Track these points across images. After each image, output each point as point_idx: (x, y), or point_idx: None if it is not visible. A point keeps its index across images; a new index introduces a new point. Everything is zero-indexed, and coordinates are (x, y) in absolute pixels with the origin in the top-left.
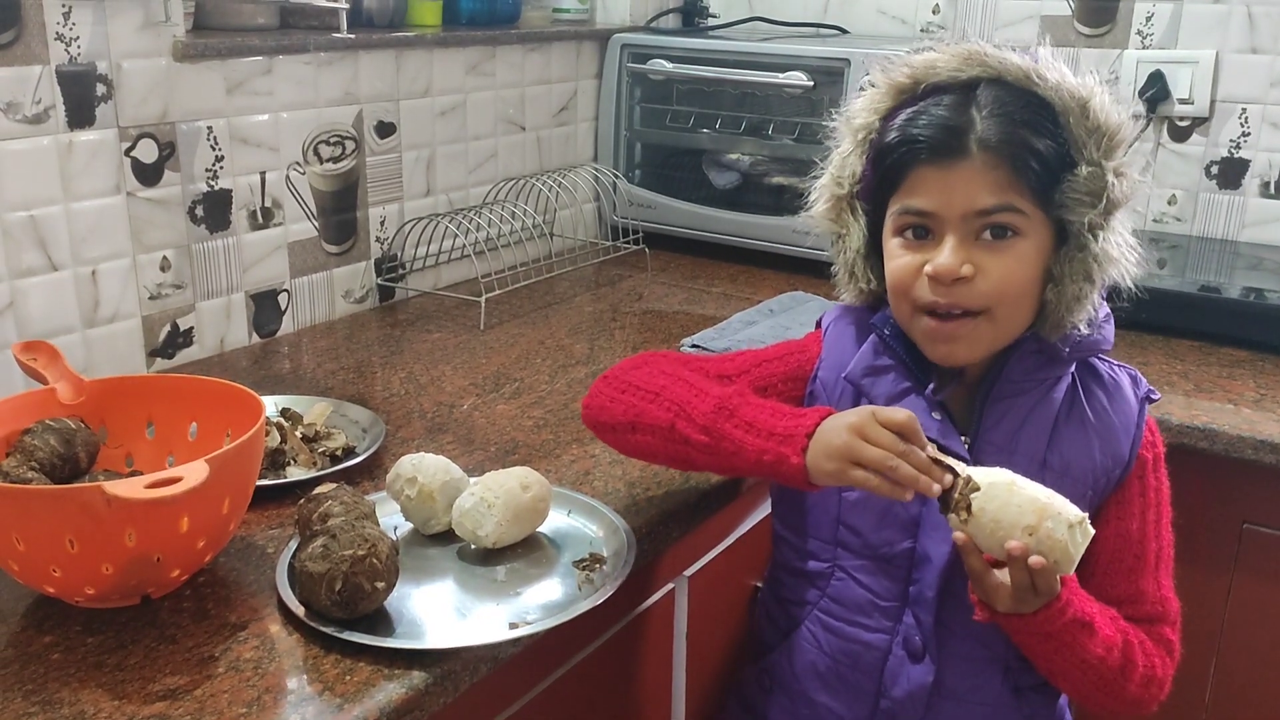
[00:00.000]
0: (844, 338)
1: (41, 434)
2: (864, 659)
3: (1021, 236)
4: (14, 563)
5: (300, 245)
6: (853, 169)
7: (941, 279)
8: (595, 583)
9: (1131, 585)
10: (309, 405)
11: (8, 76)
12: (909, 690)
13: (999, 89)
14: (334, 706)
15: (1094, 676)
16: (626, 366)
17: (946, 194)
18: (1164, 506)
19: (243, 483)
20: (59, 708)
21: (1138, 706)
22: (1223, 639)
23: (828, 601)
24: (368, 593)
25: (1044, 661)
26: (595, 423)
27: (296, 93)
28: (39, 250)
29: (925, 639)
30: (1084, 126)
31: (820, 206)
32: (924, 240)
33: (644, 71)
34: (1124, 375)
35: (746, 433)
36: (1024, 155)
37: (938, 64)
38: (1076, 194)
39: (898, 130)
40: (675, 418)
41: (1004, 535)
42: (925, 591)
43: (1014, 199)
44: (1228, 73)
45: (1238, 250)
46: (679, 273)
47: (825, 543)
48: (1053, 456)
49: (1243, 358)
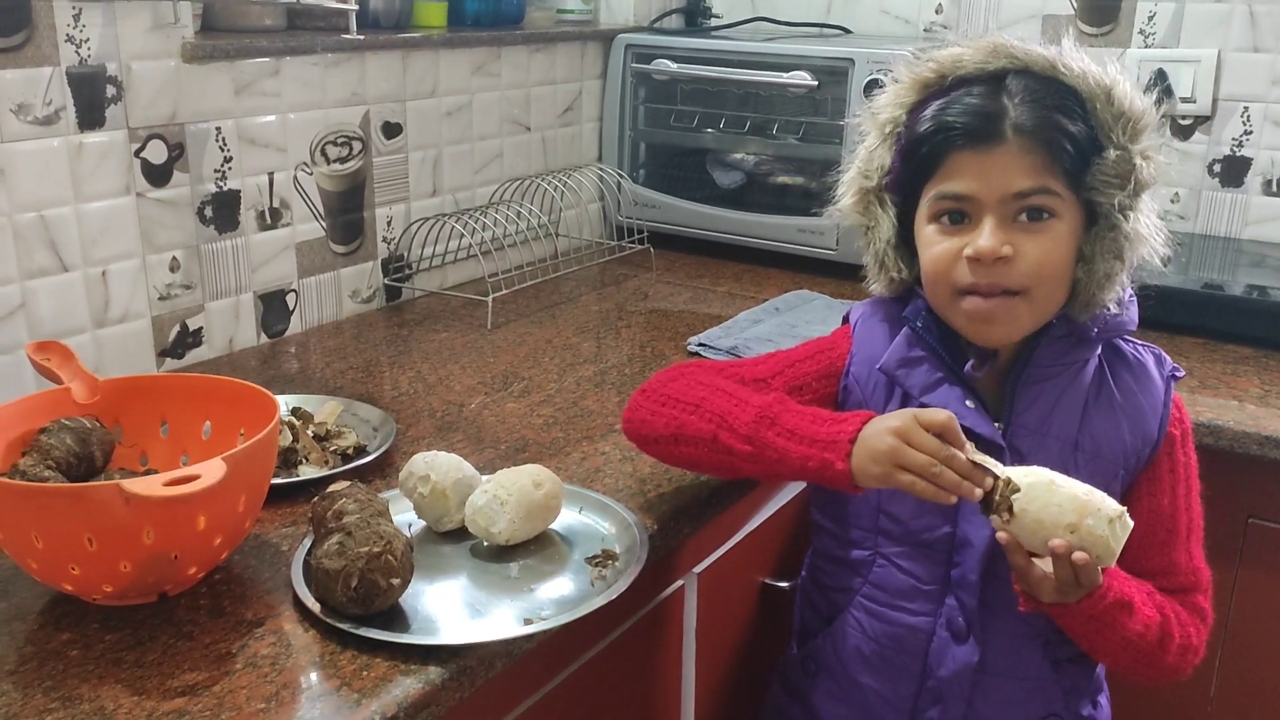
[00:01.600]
0: (875, 331)
1: (57, 433)
2: (908, 642)
3: (1056, 218)
4: (33, 561)
5: (308, 245)
6: (880, 162)
7: (984, 259)
8: (608, 579)
9: (1165, 558)
10: (319, 404)
11: (19, 78)
12: (954, 670)
13: (1027, 78)
14: (351, 702)
15: (1134, 652)
16: (664, 379)
17: (984, 177)
18: (1193, 480)
19: (258, 481)
20: (79, 704)
21: (1174, 674)
22: (1228, 633)
23: (870, 588)
24: (383, 589)
25: (1086, 641)
26: (638, 436)
27: (304, 93)
28: (50, 251)
29: (969, 620)
30: (1110, 112)
31: (848, 200)
32: (960, 225)
33: (648, 72)
34: (1149, 355)
35: (790, 440)
36: (1058, 138)
37: (964, 58)
38: (1106, 176)
39: (931, 119)
40: (718, 429)
41: (1046, 534)
42: (968, 575)
43: (1049, 181)
44: (1230, 71)
45: (1241, 248)
46: (684, 272)
47: (866, 531)
48: (1084, 438)
49: (1247, 354)
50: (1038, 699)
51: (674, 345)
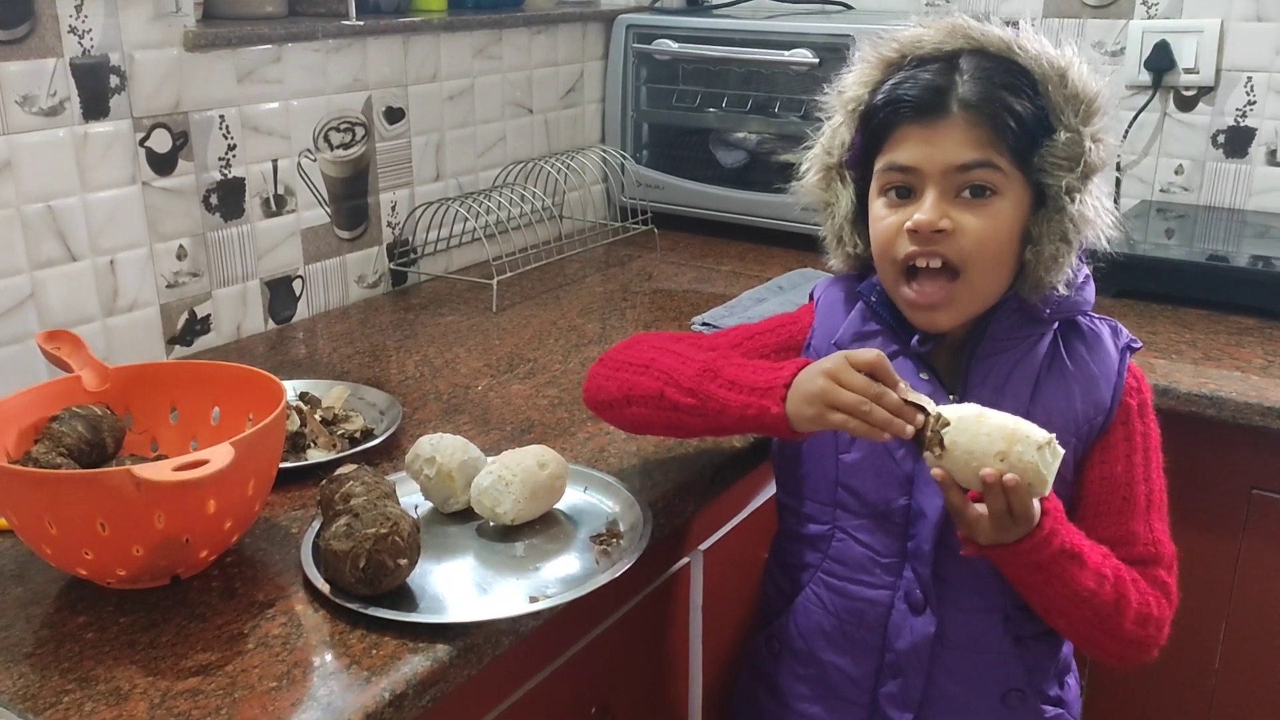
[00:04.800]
0: (834, 306)
1: (69, 420)
2: (867, 615)
3: (999, 196)
4: (47, 546)
5: (313, 232)
6: (842, 139)
7: (921, 231)
8: (613, 557)
9: (1121, 527)
10: (327, 389)
11: (23, 70)
12: (912, 642)
13: (980, 58)
14: (361, 680)
15: (1088, 611)
16: (620, 348)
17: (928, 150)
18: (1152, 452)
19: (266, 464)
20: (95, 684)
21: (1137, 648)
22: (1232, 604)
23: (830, 562)
24: (391, 569)
25: (1038, 596)
26: (595, 403)
27: (306, 80)
28: (58, 241)
29: (925, 592)
30: (1062, 94)
31: (811, 177)
32: (906, 200)
33: (649, 52)
34: (1104, 327)
35: (730, 390)
36: (1002, 114)
37: (924, 38)
38: (1055, 158)
39: (884, 93)
40: (664, 386)
41: (977, 465)
42: (922, 545)
43: (993, 156)
44: (1233, 41)
45: (1245, 219)
46: (688, 252)
47: (824, 505)
48: (1036, 409)
49: (1250, 325)
50: (998, 674)
51: (678, 325)
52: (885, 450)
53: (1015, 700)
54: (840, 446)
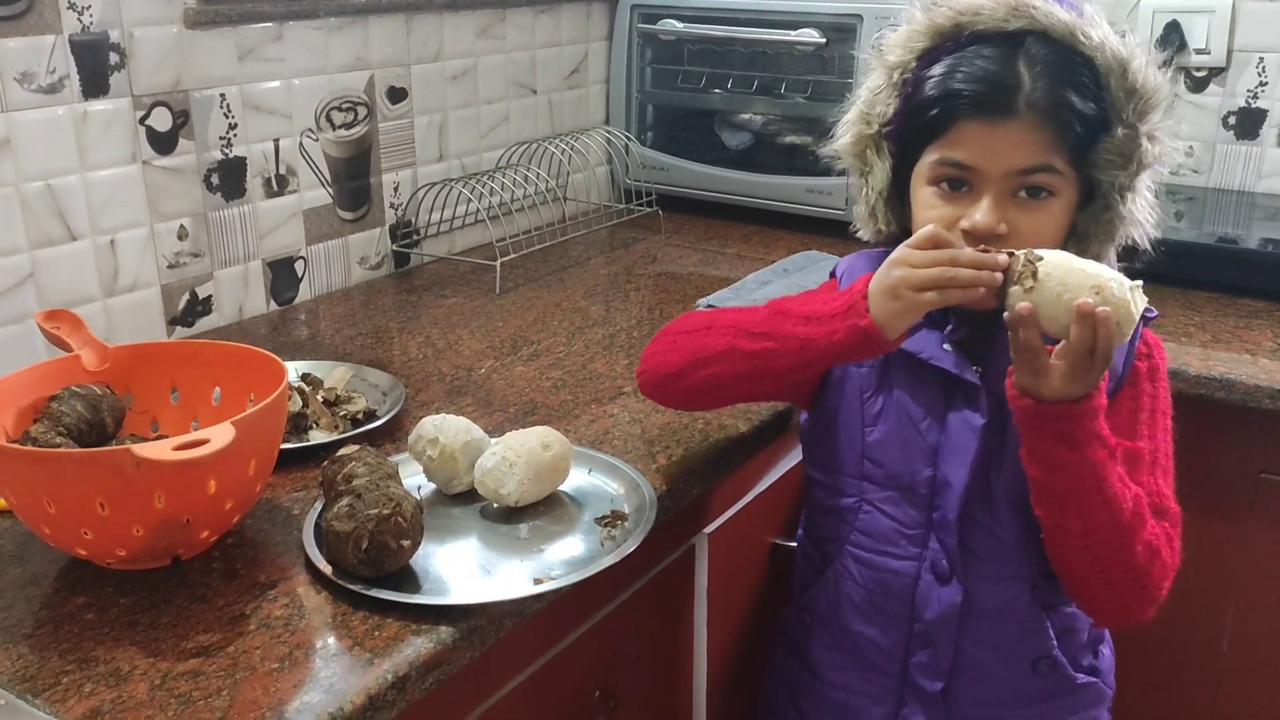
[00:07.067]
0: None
1: (68, 400)
2: (895, 586)
3: (1055, 197)
4: (46, 526)
5: (315, 212)
6: (883, 109)
7: (978, 234)
8: (617, 539)
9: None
10: (329, 370)
11: (21, 47)
12: (940, 612)
13: (1045, 46)
14: (364, 661)
15: (1105, 517)
16: (670, 327)
17: (990, 151)
18: (1159, 415)
19: (268, 445)
20: (95, 665)
21: (1139, 590)
22: (1240, 588)
23: (857, 535)
24: (394, 550)
25: (1062, 488)
26: (656, 378)
27: (308, 59)
28: (58, 220)
29: (951, 562)
30: (1124, 88)
31: (845, 140)
32: (959, 192)
33: (654, 32)
34: None
35: (808, 325)
36: (1069, 118)
37: (983, 10)
38: (1110, 155)
39: (940, 82)
40: (734, 339)
41: (1070, 297)
42: (948, 515)
43: (1054, 159)
44: (1244, 22)
45: (1255, 201)
46: (692, 234)
47: (852, 478)
48: None
49: (1260, 308)
50: (1028, 642)
51: (683, 308)
52: (910, 422)
53: (1046, 668)
54: (866, 420)
